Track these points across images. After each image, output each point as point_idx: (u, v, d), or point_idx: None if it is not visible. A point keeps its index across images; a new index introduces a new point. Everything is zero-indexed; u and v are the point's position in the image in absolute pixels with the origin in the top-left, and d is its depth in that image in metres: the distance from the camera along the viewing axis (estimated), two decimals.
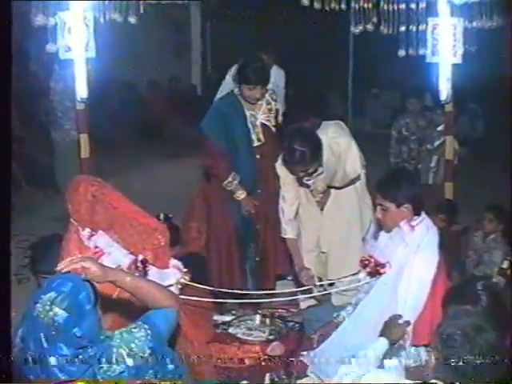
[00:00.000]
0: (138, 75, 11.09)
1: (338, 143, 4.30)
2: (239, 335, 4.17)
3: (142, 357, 2.30)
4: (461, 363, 2.05)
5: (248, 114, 4.64)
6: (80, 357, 2.20)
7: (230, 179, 4.58)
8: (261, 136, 4.67)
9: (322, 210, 4.58)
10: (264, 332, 4.23)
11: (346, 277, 4.27)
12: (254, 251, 4.85)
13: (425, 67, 4.97)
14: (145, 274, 3.06)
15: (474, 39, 4.89)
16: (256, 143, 4.67)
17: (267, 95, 4.71)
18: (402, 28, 4.93)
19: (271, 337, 4.16)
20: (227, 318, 4.37)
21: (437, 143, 6.50)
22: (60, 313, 2.19)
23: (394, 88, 11.07)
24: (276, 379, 3.68)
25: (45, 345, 2.18)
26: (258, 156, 4.69)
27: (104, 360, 2.24)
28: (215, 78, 9.30)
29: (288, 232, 4.48)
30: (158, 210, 4.56)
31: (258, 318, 4.37)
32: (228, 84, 5.66)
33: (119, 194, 3.19)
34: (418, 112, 7.10)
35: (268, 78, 4.69)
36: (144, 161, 8.56)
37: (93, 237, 3.07)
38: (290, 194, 4.46)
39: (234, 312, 4.45)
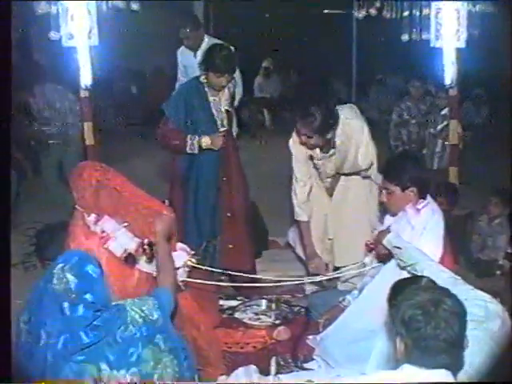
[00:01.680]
0: (141, 62, 11.07)
1: (350, 125, 4.21)
2: (245, 320, 4.20)
3: (151, 319, 2.57)
4: (431, 342, 2.05)
5: (211, 99, 4.55)
6: (99, 319, 2.42)
7: (189, 142, 4.44)
8: (225, 122, 4.59)
9: (330, 196, 4.55)
10: (270, 317, 4.26)
11: (354, 264, 4.30)
12: (225, 238, 4.67)
13: (429, 52, 4.95)
14: (152, 256, 3.07)
15: (478, 23, 4.86)
16: (221, 129, 4.57)
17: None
18: (406, 13, 4.92)
19: (277, 321, 4.19)
20: (233, 303, 4.40)
21: (440, 127, 6.48)
22: (71, 279, 2.42)
23: (399, 73, 11.04)
24: (282, 363, 3.69)
25: (67, 313, 2.38)
26: None
27: (120, 322, 2.48)
28: None
29: (299, 215, 4.44)
30: (163, 197, 4.55)
31: (264, 302, 4.40)
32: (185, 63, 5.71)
33: (124, 178, 3.19)
34: (420, 96, 7.09)
35: (235, 66, 4.59)
36: (148, 148, 8.55)
37: (99, 221, 3.07)
38: (302, 174, 4.39)
39: (240, 297, 4.48)
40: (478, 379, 2.22)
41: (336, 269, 4.46)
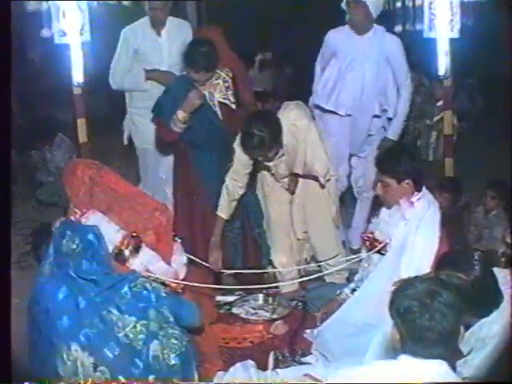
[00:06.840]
0: None
1: (296, 126, 4.17)
2: (242, 315, 4.19)
3: (159, 293, 2.83)
4: (426, 333, 2.05)
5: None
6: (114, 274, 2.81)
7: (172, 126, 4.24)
8: (219, 115, 4.37)
9: (292, 194, 4.48)
10: (267, 311, 4.25)
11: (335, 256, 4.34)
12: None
13: (422, 42, 4.94)
14: (137, 249, 3.04)
15: (471, 13, 4.85)
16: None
17: (223, 73, 4.40)
18: (398, 3, 4.91)
19: (274, 316, 4.19)
20: (230, 299, 4.39)
21: (436, 118, 6.47)
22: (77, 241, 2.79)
23: None
24: (280, 358, 3.69)
25: (94, 266, 2.77)
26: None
27: (130, 279, 2.81)
28: None
29: (221, 211, 4.28)
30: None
31: (261, 297, 4.39)
32: None
33: (117, 175, 3.16)
34: (414, 88, 7.07)
35: (215, 62, 4.30)
36: None
37: (83, 216, 3.03)
38: (240, 175, 4.26)
39: (237, 292, 4.47)
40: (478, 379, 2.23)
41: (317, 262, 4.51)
